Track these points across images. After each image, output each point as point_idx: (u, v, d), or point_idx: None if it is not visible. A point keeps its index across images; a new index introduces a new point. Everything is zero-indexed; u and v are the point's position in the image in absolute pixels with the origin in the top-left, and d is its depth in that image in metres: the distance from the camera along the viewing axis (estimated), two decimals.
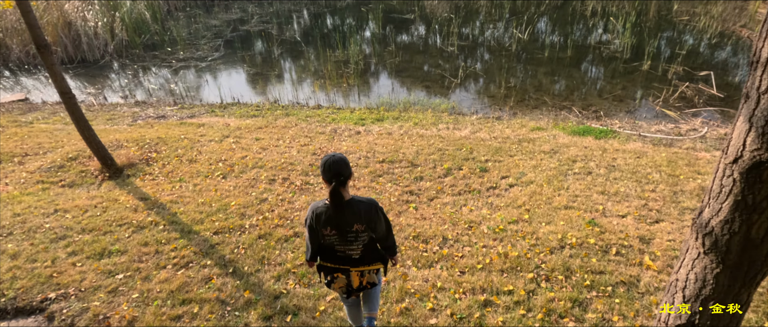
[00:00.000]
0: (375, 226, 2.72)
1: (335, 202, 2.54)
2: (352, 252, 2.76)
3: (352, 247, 2.73)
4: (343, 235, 2.67)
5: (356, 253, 2.76)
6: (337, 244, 2.73)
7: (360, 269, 2.83)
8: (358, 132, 8.09)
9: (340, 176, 2.53)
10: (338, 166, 2.53)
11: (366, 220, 2.66)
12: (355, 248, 2.74)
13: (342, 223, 2.63)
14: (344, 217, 2.61)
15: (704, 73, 10.67)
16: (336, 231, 2.66)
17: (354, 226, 2.65)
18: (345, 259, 2.79)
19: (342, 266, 2.82)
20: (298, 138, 7.66)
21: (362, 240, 2.73)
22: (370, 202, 2.69)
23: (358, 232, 2.67)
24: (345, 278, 2.88)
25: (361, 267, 2.83)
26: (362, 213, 2.64)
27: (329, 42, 14.22)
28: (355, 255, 2.77)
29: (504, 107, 9.88)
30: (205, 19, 17.08)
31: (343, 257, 2.78)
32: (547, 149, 6.89)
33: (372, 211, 2.67)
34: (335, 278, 2.89)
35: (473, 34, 14.48)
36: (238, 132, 8.00)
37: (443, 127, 8.28)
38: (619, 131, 8.07)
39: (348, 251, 2.75)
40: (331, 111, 9.70)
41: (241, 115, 9.44)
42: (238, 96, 11.14)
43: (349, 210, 2.61)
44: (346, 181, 2.59)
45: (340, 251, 2.76)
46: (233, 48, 14.39)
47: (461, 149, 6.93)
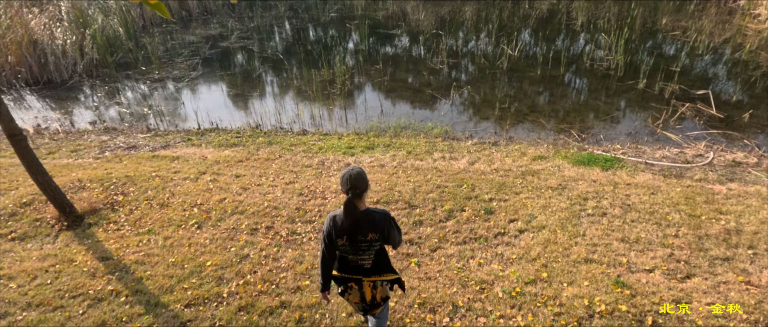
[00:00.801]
0: (388, 236, 2.82)
1: (349, 213, 2.65)
2: (364, 262, 2.86)
3: (363, 256, 2.83)
4: (354, 244, 2.77)
5: (368, 262, 2.86)
6: (350, 254, 2.83)
7: (372, 279, 2.92)
8: (347, 164, 7.39)
9: (356, 189, 2.66)
10: (355, 179, 2.66)
11: (380, 229, 2.75)
12: (367, 258, 2.84)
13: (355, 232, 2.73)
14: (359, 227, 2.72)
15: (702, 92, 10.29)
16: (348, 240, 2.76)
17: (368, 236, 2.74)
18: (357, 268, 2.90)
19: (354, 276, 2.92)
20: (283, 174, 6.93)
21: (374, 249, 2.82)
22: (384, 213, 2.80)
23: (371, 241, 2.76)
24: (358, 290, 2.97)
25: (372, 277, 2.91)
26: (377, 223, 2.74)
27: (313, 59, 13.52)
28: (367, 264, 2.87)
29: (499, 130, 9.32)
30: (182, 36, 16.23)
31: (354, 267, 2.89)
32: (554, 184, 6.31)
33: (386, 221, 2.78)
34: (350, 288, 2.99)
35: (462, 50, 13.95)
36: (216, 167, 7.23)
37: (439, 157, 7.65)
38: (624, 158, 7.56)
39: (360, 261, 2.85)
40: (318, 137, 9.00)
41: (220, 144, 8.66)
42: (217, 120, 10.36)
43: (363, 220, 2.72)
44: (361, 194, 2.69)
45: (353, 261, 2.87)
46: (212, 66, 13.58)
47: (462, 185, 6.30)
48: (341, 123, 9.99)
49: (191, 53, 14.57)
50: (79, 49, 13.33)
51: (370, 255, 2.85)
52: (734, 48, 12.67)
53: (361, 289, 2.97)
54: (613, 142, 8.69)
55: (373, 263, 2.88)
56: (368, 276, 2.92)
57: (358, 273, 2.92)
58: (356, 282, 2.95)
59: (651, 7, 17.10)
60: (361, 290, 2.97)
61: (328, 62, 12.93)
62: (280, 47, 14.98)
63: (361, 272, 2.91)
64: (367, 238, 2.75)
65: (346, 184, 2.68)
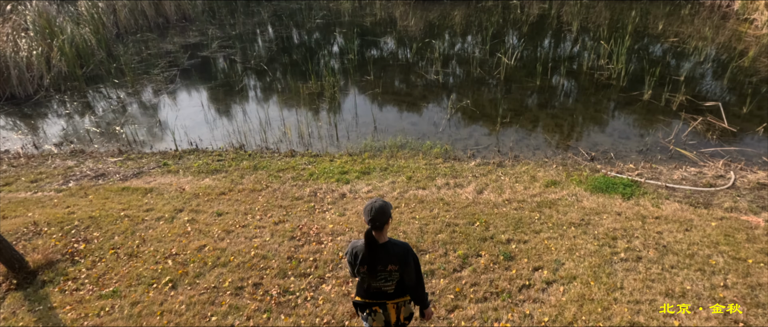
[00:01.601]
0: (405, 270, 2.78)
1: (368, 245, 2.66)
2: (387, 288, 2.88)
3: (386, 283, 2.85)
4: (374, 274, 2.77)
5: (390, 288, 2.89)
6: (371, 282, 2.84)
7: (395, 301, 2.94)
8: (343, 195, 6.58)
9: (376, 222, 2.61)
10: (376, 213, 2.60)
11: (399, 261, 2.73)
12: (390, 285, 2.86)
13: (375, 262, 2.72)
14: (378, 258, 2.71)
15: (711, 103, 9.73)
16: (368, 270, 2.76)
17: (388, 267, 2.74)
18: (380, 294, 2.91)
19: (378, 301, 2.93)
20: (271, 210, 6.08)
21: (395, 278, 2.81)
22: (405, 246, 2.80)
23: (391, 271, 2.76)
24: (382, 314, 2.97)
25: (396, 299, 2.93)
26: (397, 255, 2.73)
27: (300, 70, 12.64)
28: (390, 290, 2.90)
29: (503, 148, 8.60)
30: (159, 44, 15.17)
31: (377, 292, 2.91)
32: (576, 219, 5.59)
33: (405, 254, 2.76)
34: (374, 312, 2.97)
35: (456, 58, 13.22)
36: (195, 202, 6.34)
37: (442, 183, 6.89)
38: (641, 181, 6.91)
39: (383, 288, 2.88)
40: (308, 160, 8.15)
41: (200, 169, 7.76)
42: (197, 140, 9.43)
43: (383, 252, 2.72)
44: (381, 227, 2.65)
45: (375, 288, 2.88)
46: (191, 78, 12.60)
47: (474, 223, 5.54)
48: (332, 142, 9.16)
49: (168, 64, 13.56)
50: (46, 61, 12.24)
51: (392, 282, 2.86)
52: (735, 55, 12.20)
53: (386, 311, 2.99)
54: (625, 161, 8.05)
55: (395, 288, 2.90)
56: (392, 299, 2.95)
57: (382, 298, 2.94)
58: (381, 305, 2.97)
59: (643, 12, 16.63)
60: (386, 312, 2.99)
61: (315, 73, 12.07)
62: (264, 56, 14.06)
63: (385, 297, 2.94)
64: (386, 269, 2.76)
65: (367, 215, 2.65)
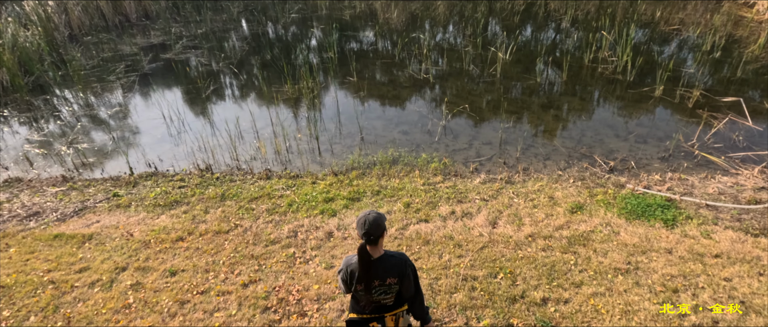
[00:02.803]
0: (403, 282, 2.61)
1: (361, 260, 2.46)
2: (386, 301, 2.68)
3: (385, 296, 2.65)
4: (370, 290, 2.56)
5: (390, 301, 2.69)
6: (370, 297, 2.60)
7: (394, 313, 2.75)
8: (329, 235, 5.29)
9: (370, 236, 2.42)
10: (370, 226, 2.40)
11: (397, 273, 2.57)
12: (389, 297, 2.67)
13: (371, 278, 2.52)
14: (374, 275, 2.53)
15: (730, 99, 8.71)
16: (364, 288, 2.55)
17: (387, 280, 2.57)
18: (379, 308, 2.70)
19: (376, 315, 2.71)
20: (240, 263, 4.76)
21: (393, 291, 2.63)
22: (401, 257, 2.61)
23: (390, 285, 2.59)
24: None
25: (395, 310, 2.74)
26: (393, 267, 2.55)
27: (275, 72, 11.20)
28: (389, 303, 2.70)
29: (508, 159, 7.43)
30: (117, 46, 13.48)
31: (376, 306, 2.69)
32: (621, 262, 4.44)
33: (404, 265, 2.58)
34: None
35: (446, 54, 11.94)
36: (145, 255, 4.98)
37: (447, 211, 5.67)
38: (676, 198, 5.83)
39: (382, 301, 2.66)
40: (286, 183, 6.82)
41: (156, 202, 6.36)
42: (156, 160, 7.99)
43: (380, 266, 2.52)
44: (377, 241, 2.46)
45: (374, 301, 2.65)
46: (152, 85, 11.04)
47: (497, 275, 4.34)
48: (313, 157, 7.83)
49: (127, 68, 11.94)
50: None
51: (392, 295, 2.65)
52: (743, 43, 11.24)
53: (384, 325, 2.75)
54: (648, 170, 6.97)
55: (395, 300, 2.71)
56: (390, 311, 2.73)
57: (380, 311, 2.71)
58: (378, 320, 2.74)
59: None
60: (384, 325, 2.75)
61: (291, 76, 10.66)
62: (235, 57, 12.53)
63: (384, 310, 2.72)
64: (385, 283, 2.57)
65: (361, 229, 2.43)
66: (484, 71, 10.64)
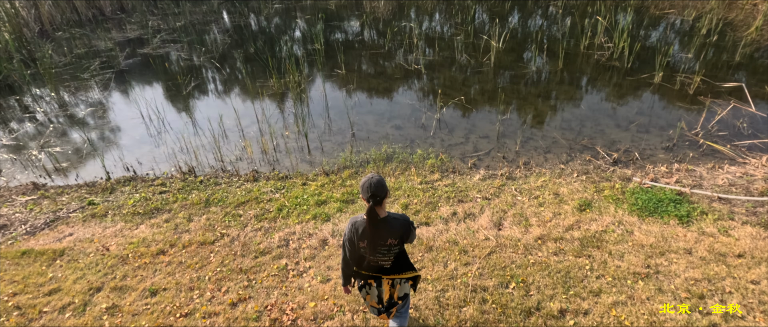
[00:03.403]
0: (407, 238, 2.77)
1: (370, 220, 2.58)
2: (384, 262, 2.80)
3: (384, 258, 2.78)
4: (374, 249, 2.72)
5: (387, 263, 2.81)
6: (370, 255, 2.76)
7: (391, 277, 2.87)
8: (324, 242, 4.90)
9: (376, 197, 2.55)
10: (376, 188, 2.54)
11: (400, 234, 2.70)
12: (387, 259, 2.79)
13: (375, 237, 2.66)
14: (378, 233, 2.65)
15: (732, 84, 8.46)
16: (369, 245, 2.69)
17: (388, 241, 2.69)
18: (377, 268, 2.84)
19: (374, 274, 2.86)
20: (228, 279, 4.34)
21: (393, 252, 2.76)
22: (404, 218, 2.73)
23: (390, 245, 2.72)
24: (376, 288, 2.91)
25: (392, 275, 2.86)
26: (397, 229, 2.67)
27: (259, 66, 10.68)
28: (387, 265, 2.82)
29: (506, 152, 7.10)
30: (92, 42, 12.78)
31: (374, 266, 2.83)
32: (639, 266, 4.13)
33: (405, 227, 2.72)
34: (369, 285, 2.91)
35: (437, 43, 11.52)
36: (122, 272, 4.53)
37: (448, 213, 5.31)
38: (687, 191, 5.55)
39: (380, 261, 2.80)
40: (274, 185, 6.39)
41: (135, 210, 5.89)
42: (135, 163, 7.48)
43: (384, 226, 2.65)
44: (381, 201, 2.59)
45: (373, 261, 2.80)
46: (129, 82, 10.45)
47: (508, 284, 3.99)
48: (303, 156, 7.40)
49: (102, 65, 11.30)
50: None
51: (390, 258, 2.79)
52: (736, 26, 11.02)
53: (380, 287, 2.91)
54: (654, 162, 6.69)
55: (392, 264, 2.84)
56: (388, 274, 2.87)
57: (378, 272, 2.86)
58: (375, 279, 2.89)
59: None
60: (380, 288, 2.91)
61: (277, 69, 10.15)
62: (216, 51, 11.95)
63: (381, 271, 2.86)
64: (386, 243, 2.70)
65: (366, 192, 2.56)
66: (478, 60, 10.26)
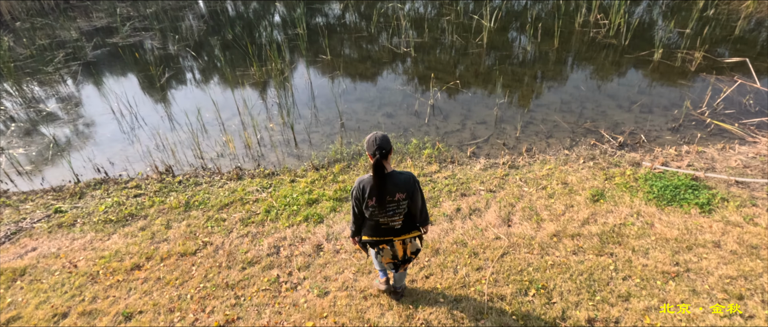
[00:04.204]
0: (414, 195, 2.80)
1: (378, 173, 2.63)
2: (395, 223, 2.86)
3: (394, 217, 2.82)
4: (383, 206, 2.74)
5: (398, 223, 2.87)
6: (380, 216, 2.80)
7: (402, 238, 2.95)
8: (318, 248, 4.43)
9: (383, 150, 2.65)
10: (381, 141, 2.67)
11: (406, 188, 2.74)
12: (397, 219, 2.84)
13: (384, 192, 2.70)
14: (386, 187, 2.69)
15: (735, 59, 8.14)
16: (377, 201, 2.71)
17: (396, 196, 2.73)
18: (388, 230, 2.89)
19: (386, 238, 2.93)
20: (213, 296, 3.86)
21: (402, 209, 2.79)
22: (409, 173, 2.79)
23: (399, 201, 2.75)
24: (390, 249, 2.99)
25: (402, 236, 2.94)
26: (403, 183, 2.74)
27: (238, 53, 10.01)
28: (397, 226, 2.88)
29: (506, 138, 6.69)
30: (55, 32, 11.88)
31: (386, 229, 2.89)
32: (668, 264, 3.77)
33: (411, 181, 2.77)
34: (382, 250, 3.01)
35: (427, 24, 10.97)
36: (91, 293, 4.01)
37: (451, 209, 4.89)
38: (701, 175, 5.21)
39: (391, 223, 2.85)
40: (260, 184, 5.88)
41: (107, 217, 5.33)
42: (106, 164, 6.87)
43: (390, 181, 2.71)
44: (387, 154, 2.69)
45: (384, 224, 2.85)
46: (97, 75, 9.70)
47: (528, 292, 3.60)
48: (289, 150, 6.88)
49: (67, 57, 10.49)
50: None
51: (400, 216, 2.83)
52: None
53: (393, 248, 2.99)
54: (661, 144, 6.35)
55: (402, 224, 2.89)
56: (399, 236, 2.93)
57: (390, 234, 2.92)
58: (388, 243, 2.97)
59: None
60: (393, 249, 2.99)
61: (257, 56, 9.51)
62: (191, 39, 11.20)
63: (393, 233, 2.91)
64: (394, 198, 2.73)
65: (373, 146, 2.67)
66: (470, 41, 9.77)
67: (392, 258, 3.04)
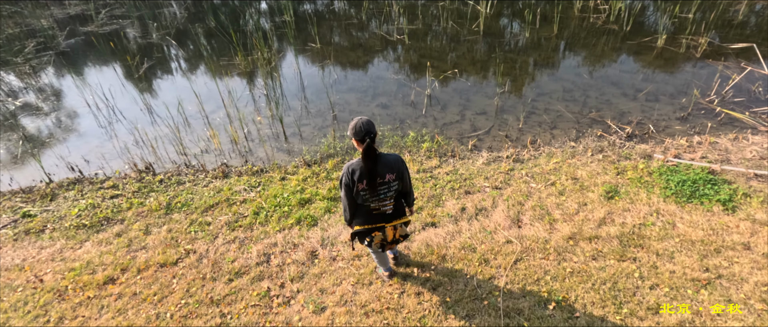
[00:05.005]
0: (403, 176, 2.85)
1: (370, 156, 2.64)
2: (386, 208, 2.89)
3: (385, 201, 2.85)
4: (374, 188, 2.76)
5: (389, 208, 2.90)
6: (372, 201, 2.82)
7: (393, 223, 2.95)
8: (313, 255, 4.03)
9: (371, 134, 2.63)
10: (369, 125, 2.66)
11: (396, 168, 2.79)
12: (388, 203, 2.87)
13: (374, 175, 2.71)
14: (377, 170, 2.71)
15: (741, 45, 7.84)
16: (368, 184, 2.72)
17: (386, 177, 2.75)
18: (380, 216, 2.91)
19: (378, 224, 2.92)
20: (195, 316, 3.45)
21: (394, 191, 2.83)
22: (396, 155, 2.83)
23: (389, 182, 2.77)
24: (381, 234, 2.98)
25: (393, 221, 2.95)
26: (393, 163, 2.78)
27: (222, 43, 9.46)
28: (389, 210, 2.91)
29: (508, 130, 6.33)
30: (26, 20, 11.16)
31: (378, 215, 2.90)
32: (696, 268, 3.45)
33: (400, 162, 2.82)
34: (373, 237, 2.97)
35: (420, 10, 10.49)
36: (58, 313, 3.57)
37: (456, 208, 4.51)
38: (717, 169, 4.91)
39: (382, 208, 2.88)
40: (248, 181, 5.44)
41: (80, 221, 4.86)
42: (80, 162, 6.36)
43: (381, 163, 2.74)
44: (375, 138, 2.65)
45: (375, 209, 2.87)
46: (71, 64, 9.08)
47: (547, 304, 3.24)
48: (279, 145, 6.43)
49: (38, 47, 9.83)
50: None
51: (391, 199, 2.87)
52: None
53: (384, 233, 2.98)
54: (671, 135, 6.05)
55: (393, 208, 2.92)
56: (390, 221, 2.93)
57: (382, 221, 2.92)
58: (380, 229, 2.95)
59: None
60: (384, 233, 2.98)
61: (243, 45, 8.97)
62: (172, 27, 10.59)
63: (384, 219, 2.92)
64: (385, 180, 2.76)
65: (360, 132, 2.65)
66: (465, 27, 9.33)
67: (382, 240, 3.04)
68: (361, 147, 2.67)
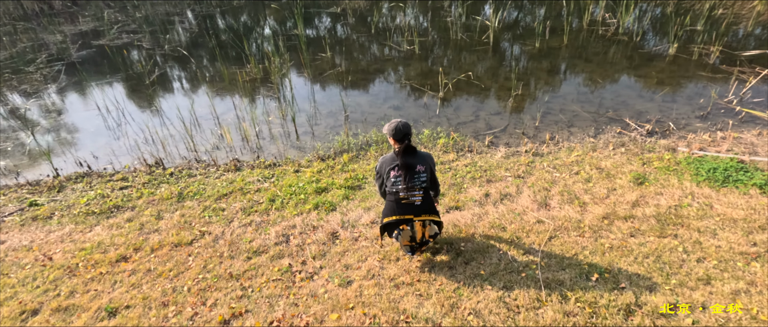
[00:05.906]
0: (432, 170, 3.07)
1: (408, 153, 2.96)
2: (415, 198, 2.99)
3: (415, 192, 2.98)
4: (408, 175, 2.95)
5: (418, 199, 2.99)
6: (402, 191, 2.96)
7: (422, 218, 3.01)
8: (334, 236, 3.84)
9: (408, 135, 2.98)
10: (407, 127, 2.98)
11: (426, 162, 3.02)
12: (418, 194, 2.98)
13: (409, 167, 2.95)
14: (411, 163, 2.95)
15: (754, 53, 7.85)
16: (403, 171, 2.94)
17: (417, 168, 2.97)
18: (409, 206, 2.98)
19: (406, 216, 2.99)
20: (213, 289, 3.23)
21: (422, 182, 2.98)
22: (428, 153, 3.13)
23: (420, 172, 2.97)
24: (409, 230, 3.04)
25: (422, 216, 3.01)
26: (424, 157, 3.04)
27: (233, 54, 9.50)
28: (418, 201, 2.99)
29: (525, 128, 6.23)
30: (38, 35, 11.27)
31: (407, 205, 2.98)
32: (743, 243, 3.28)
33: (430, 158, 3.08)
34: (401, 231, 3.05)
35: (429, 24, 10.61)
36: (69, 287, 3.35)
37: (479, 194, 4.34)
38: (746, 160, 4.76)
39: (411, 198, 2.98)
40: (261, 174, 5.28)
41: (89, 209, 4.68)
42: (90, 158, 6.22)
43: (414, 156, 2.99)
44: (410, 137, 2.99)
45: (405, 199, 2.97)
46: (82, 73, 9.09)
47: (590, 276, 3.02)
48: (291, 142, 6.31)
49: (50, 58, 9.87)
50: None
51: (421, 191, 2.98)
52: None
53: (413, 229, 3.04)
54: (693, 131, 5.93)
55: (422, 200, 3.00)
56: (419, 215, 3.00)
57: (411, 212, 2.98)
58: (408, 222, 3.01)
59: None
60: (413, 230, 3.04)
61: (254, 55, 9.00)
62: (183, 40, 10.68)
63: (413, 211, 2.98)
64: (416, 170, 2.96)
65: (399, 133, 2.95)
66: (475, 39, 9.40)
67: (410, 240, 3.09)
68: (398, 145, 2.95)
